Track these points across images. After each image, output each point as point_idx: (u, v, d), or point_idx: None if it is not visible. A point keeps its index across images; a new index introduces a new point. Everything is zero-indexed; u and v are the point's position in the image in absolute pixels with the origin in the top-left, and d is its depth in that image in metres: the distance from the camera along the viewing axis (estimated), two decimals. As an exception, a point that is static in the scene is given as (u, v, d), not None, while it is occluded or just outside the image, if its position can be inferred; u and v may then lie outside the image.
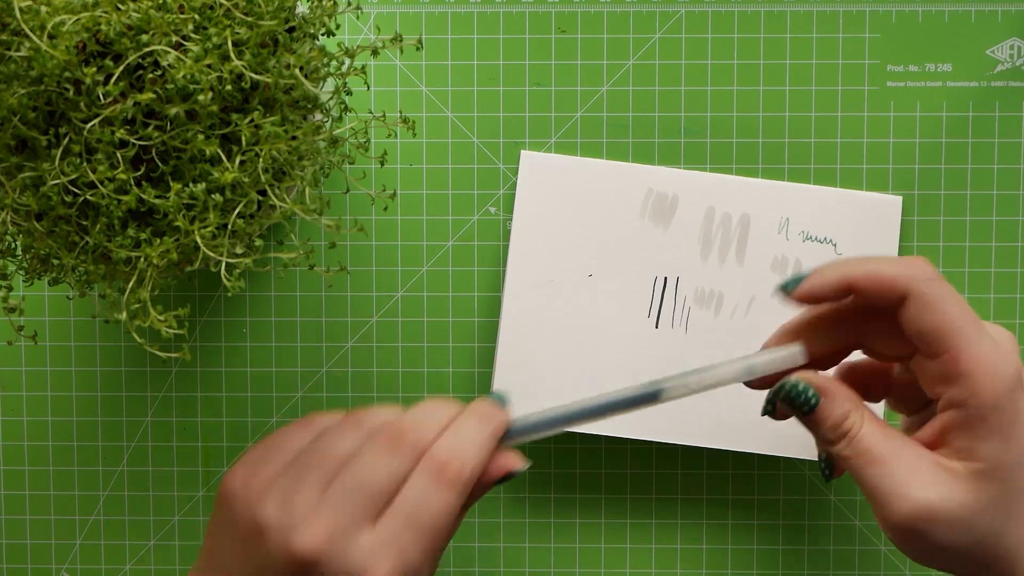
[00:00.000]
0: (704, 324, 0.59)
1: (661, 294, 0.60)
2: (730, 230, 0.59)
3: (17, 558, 0.62)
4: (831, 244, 0.59)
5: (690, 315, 0.59)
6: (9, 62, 0.44)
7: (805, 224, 0.59)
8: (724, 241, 0.59)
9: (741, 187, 0.59)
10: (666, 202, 0.59)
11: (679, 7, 0.60)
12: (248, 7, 0.46)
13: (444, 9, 0.60)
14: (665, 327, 0.60)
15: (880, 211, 0.59)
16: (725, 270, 0.59)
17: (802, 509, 0.61)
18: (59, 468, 0.62)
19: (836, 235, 0.59)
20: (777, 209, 0.59)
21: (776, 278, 0.59)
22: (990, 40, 0.60)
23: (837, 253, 0.59)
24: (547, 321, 0.59)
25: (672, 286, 0.59)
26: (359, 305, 0.61)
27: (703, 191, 0.59)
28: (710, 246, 0.59)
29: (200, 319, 0.61)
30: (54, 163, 0.45)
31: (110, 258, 0.47)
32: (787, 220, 0.59)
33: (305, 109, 0.48)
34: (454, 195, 0.61)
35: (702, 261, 0.59)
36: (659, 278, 0.59)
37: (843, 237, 0.59)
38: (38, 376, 0.62)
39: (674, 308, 0.59)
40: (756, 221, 0.59)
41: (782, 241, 0.59)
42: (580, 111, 0.60)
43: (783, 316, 0.58)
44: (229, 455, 0.62)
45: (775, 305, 0.59)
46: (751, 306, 0.59)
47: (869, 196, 0.59)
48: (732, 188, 0.59)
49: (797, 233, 0.59)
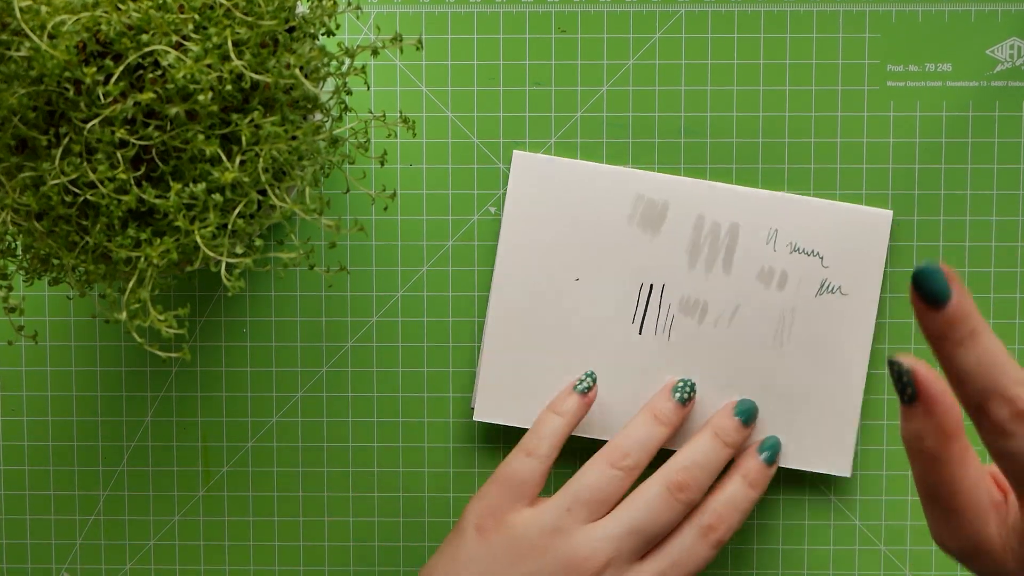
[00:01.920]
0: (687, 332, 0.59)
1: (646, 301, 0.59)
2: (718, 239, 0.59)
3: (17, 558, 0.62)
4: (818, 257, 0.59)
5: (674, 323, 0.59)
6: (9, 62, 0.44)
7: (793, 236, 0.59)
8: (712, 250, 0.59)
9: (731, 196, 0.59)
10: (656, 209, 0.59)
11: (679, 7, 0.60)
12: (248, 7, 0.46)
13: (444, 9, 0.60)
14: (648, 334, 0.60)
15: (869, 224, 0.59)
16: (711, 279, 0.59)
17: (802, 509, 0.61)
18: (59, 468, 0.62)
19: (823, 248, 0.59)
20: (766, 220, 0.59)
21: (761, 289, 0.59)
22: (990, 40, 0.60)
23: (824, 267, 0.59)
24: (532, 323, 0.60)
25: (657, 293, 0.59)
26: (359, 305, 0.61)
27: (693, 199, 0.59)
28: (697, 255, 0.59)
29: (200, 319, 0.61)
30: (54, 163, 0.45)
31: (110, 258, 0.47)
32: (776, 231, 0.59)
33: (305, 109, 0.48)
34: (454, 195, 0.61)
35: (688, 269, 0.59)
36: (645, 285, 0.59)
37: (830, 250, 0.59)
38: (38, 376, 0.62)
39: (658, 315, 0.59)
40: (744, 231, 0.59)
41: (769, 252, 0.59)
42: (580, 111, 0.60)
43: (766, 327, 0.58)
44: (229, 455, 0.62)
45: (758, 316, 0.59)
46: (735, 316, 0.59)
47: (858, 209, 0.59)
48: (722, 197, 0.59)
49: (785, 244, 0.59)
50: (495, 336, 0.60)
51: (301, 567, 0.62)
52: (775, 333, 0.59)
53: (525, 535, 0.55)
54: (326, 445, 0.61)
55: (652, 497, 0.55)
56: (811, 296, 0.59)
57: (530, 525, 0.55)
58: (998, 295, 0.60)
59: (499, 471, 0.57)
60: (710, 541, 0.56)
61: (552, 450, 0.57)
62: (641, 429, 0.57)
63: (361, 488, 0.62)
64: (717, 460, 0.57)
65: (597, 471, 0.56)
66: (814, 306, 0.59)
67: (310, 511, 0.62)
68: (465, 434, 0.61)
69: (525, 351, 0.60)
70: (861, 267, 0.59)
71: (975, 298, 0.60)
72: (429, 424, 0.61)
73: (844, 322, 0.59)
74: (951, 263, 0.60)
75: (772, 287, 0.59)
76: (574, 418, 0.58)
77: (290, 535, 0.62)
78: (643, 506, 0.55)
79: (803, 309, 0.59)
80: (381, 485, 0.62)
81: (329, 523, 0.62)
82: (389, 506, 0.62)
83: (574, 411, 0.58)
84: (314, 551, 0.62)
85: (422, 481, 0.62)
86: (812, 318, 0.59)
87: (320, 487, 0.62)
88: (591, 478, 0.56)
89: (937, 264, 0.41)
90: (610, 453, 0.56)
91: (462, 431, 0.61)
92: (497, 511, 0.56)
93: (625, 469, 0.56)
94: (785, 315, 0.59)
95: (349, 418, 0.61)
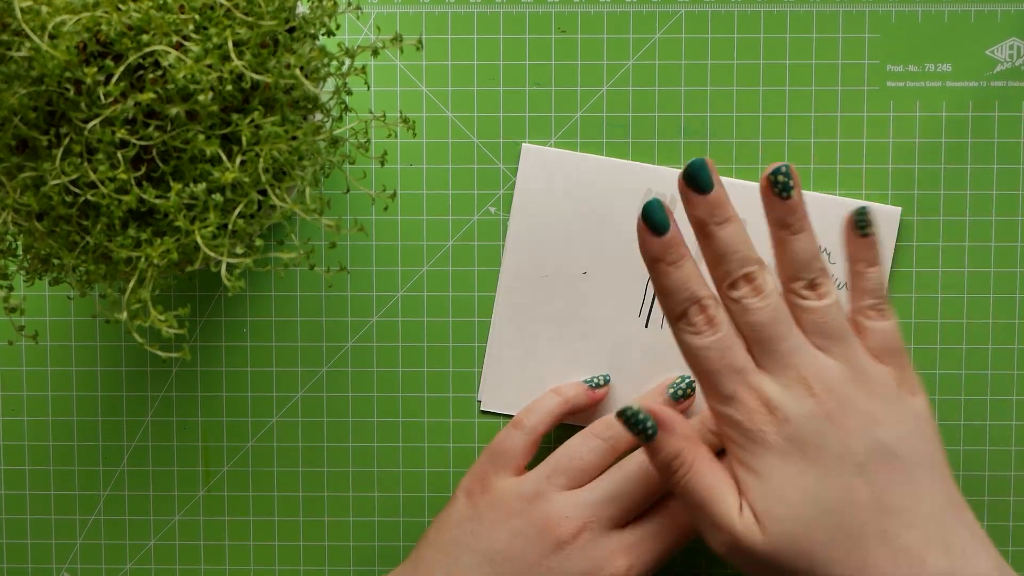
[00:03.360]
0: None
1: (653, 294, 0.60)
2: None
3: (17, 558, 0.62)
4: (825, 252, 0.59)
5: None
6: (10, 62, 0.44)
7: None
8: None
9: (740, 191, 0.59)
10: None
11: (679, 7, 0.60)
12: (248, 7, 0.46)
13: (444, 9, 0.60)
14: (654, 327, 0.60)
15: (877, 221, 0.59)
16: None
17: (802, 509, 0.61)
18: (59, 468, 0.62)
19: (830, 244, 0.59)
20: None
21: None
22: (990, 40, 0.60)
23: (831, 262, 0.59)
24: (539, 315, 0.60)
25: None
26: (359, 305, 0.61)
27: None
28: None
29: (200, 319, 0.61)
30: (55, 163, 0.45)
31: (111, 258, 0.47)
32: None
33: (305, 109, 0.48)
34: (454, 195, 0.61)
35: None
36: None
37: (838, 246, 0.59)
38: (39, 376, 0.62)
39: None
40: (751, 227, 0.58)
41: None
42: (580, 111, 0.60)
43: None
44: (229, 455, 0.62)
45: None
46: None
47: (868, 206, 0.59)
48: (730, 191, 0.59)
49: None
50: (502, 326, 0.60)
51: (301, 567, 0.62)
52: None
53: (506, 499, 0.56)
54: (326, 445, 0.61)
55: (633, 468, 0.56)
56: None
57: (512, 490, 0.56)
58: (998, 295, 0.60)
59: (490, 444, 0.58)
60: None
61: (540, 425, 0.58)
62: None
63: (361, 488, 0.62)
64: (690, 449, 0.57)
65: (580, 440, 0.57)
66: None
67: (310, 511, 0.62)
68: (465, 434, 0.61)
69: (532, 342, 0.60)
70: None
71: (975, 298, 0.60)
72: (429, 424, 0.61)
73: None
74: (951, 263, 0.60)
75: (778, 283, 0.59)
76: (572, 404, 0.59)
77: (290, 535, 0.62)
78: (621, 477, 0.56)
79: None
80: (381, 485, 0.62)
81: (329, 523, 0.62)
82: (389, 506, 0.62)
83: (574, 397, 0.59)
84: (314, 551, 0.62)
85: (422, 481, 0.62)
86: None
87: (320, 487, 0.62)
88: (572, 447, 0.57)
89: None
90: (596, 425, 0.58)
91: (462, 431, 0.61)
92: (484, 478, 0.57)
93: (608, 440, 0.57)
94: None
95: (349, 418, 0.61)
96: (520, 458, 0.57)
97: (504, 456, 0.57)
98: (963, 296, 0.60)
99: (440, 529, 0.56)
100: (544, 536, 0.54)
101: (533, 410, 0.58)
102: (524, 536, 0.55)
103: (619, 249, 0.60)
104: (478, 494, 0.57)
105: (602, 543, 0.54)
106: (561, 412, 0.58)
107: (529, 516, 0.55)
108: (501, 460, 0.57)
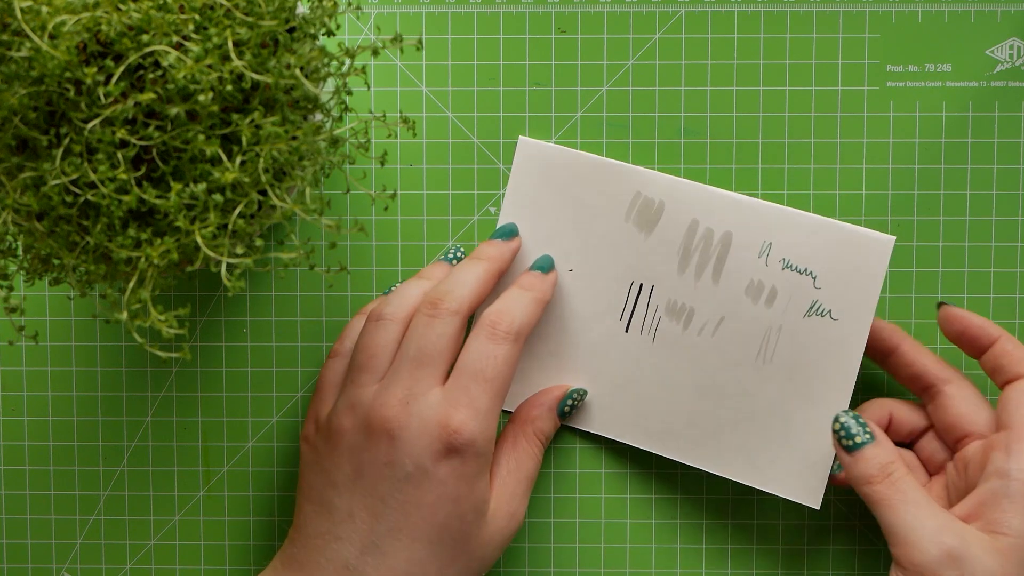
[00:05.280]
0: (671, 336, 0.59)
1: (635, 299, 0.59)
2: (710, 247, 0.58)
3: (17, 558, 0.62)
4: (811, 276, 0.57)
5: (659, 325, 0.59)
6: (10, 62, 0.44)
7: (787, 251, 0.57)
8: (703, 257, 0.58)
9: (729, 204, 0.58)
10: (652, 208, 0.59)
11: (679, 7, 0.60)
12: (248, 7, 0.46)
13: (444, 9, 0.60)
14: (634, 332, 0.59)
15: (868, 249, 0.57)
16: (700, 286, 0.58)
17: (802, 508, 0.61)
18: (60, 468, 0.62)
19: (817, 267, 0.57)
20: (761, 231, 0.57)
21: (749, 303, 0.58)
22: (990, 40, 0.60)
23: (816, 287, 0.57)
24: None
25: (647, 293, 0.59)
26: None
27: (690, 202, 0.58)
28: (688, 260, 0.58)
29: (200, 319, 0.61)
30: (55, 163, 0.45)
31: (111, 258, 0.47)
32: (769, 245, 0.57)
33: (305, 109, 0.48)
34: (454, 195, 0.61)
35: (678, 274, 0.59)
36: (635, 283, 0.59)
37: (824, 270, 0.57)
38: (39, 376, 0.62)
39: (645, 315, 0.59)
40: (737, 241, 0.58)
41: (761, 266, 0.57)
42: (580, 111, 0.60)
43: (750, 342, 0.58)
44: (229, 455, 0.62)
45: (743, 330, 0.58)
46: (719, 327, 0.58)
47: (859, 231, 0.57)
48: (719, 204, 0.58)
49: (777, 260, 0.57)
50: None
51: (301, 567, 0.62)
52: (758, 350, 0.58)
53: (333, 428, 0.55)
54: (326, 445, 0.61)
55: (419, 327, 0.55)
56: (799, 316, 0.57)
57: (332, 419, 0.55)
58: (998, 295, 0.60)
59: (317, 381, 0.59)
60: (498, 335, 0.54)
61: (348, 342, 0.58)
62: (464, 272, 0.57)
63: (361, 488, 0.62)
64: (522, 299, 0.56)
65: (365, 329, 0.56)
66: (801, 327, 0.57)
67: (310, 511, 0.62)
68: (465, 434, 0.61)
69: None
70: (855, 293, 0.57)
71: (975, 298, 0.60)
72: (429, 424, 0.61)
73: (831, 348, 0.57)
74: (951, 263, 0.60)
75: (760, 302, 0.58)
76: (349, 341, 0.59)
77: (290, 535, 0.62)
78: (408, 337, 0.55)
79: (789, 329, 0.57)
80: (381, 485, 0.62)
81: (329, 523, 0.62)
82: (389, 506, 0.62)
83: (354, 337, 0.58)
84: (314, 551, 0.62)
85: (422, 481, 0.62)
86: (798, 339, 0.57)
87: (320, 487, 0.62)
88: (361, 341, 0.56)
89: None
90: (368, 312, 0.58)
91: (462, 431, 0.61)
92: (317, 421, 0.57)
93: (389, 318, 0.56)
94: (770, 333, 0.58)
95: (349, 418, 0.61)
96: (335, 387, 0.57)
97: (324, 389, 0.57)
98: (963, 296, 0.60)
99: (300, 488, 0.56)
100: (374, 436, 0.53)
101: (347, 336, 0.59)
102: (357, 446, 0.54)
103: (606, 250, 0.59)
104: (311, 437, 0.56)
105: (430, 403, 0.53)
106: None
107: (353, 426, 0.54)
108: (326, 396, 0.57)
